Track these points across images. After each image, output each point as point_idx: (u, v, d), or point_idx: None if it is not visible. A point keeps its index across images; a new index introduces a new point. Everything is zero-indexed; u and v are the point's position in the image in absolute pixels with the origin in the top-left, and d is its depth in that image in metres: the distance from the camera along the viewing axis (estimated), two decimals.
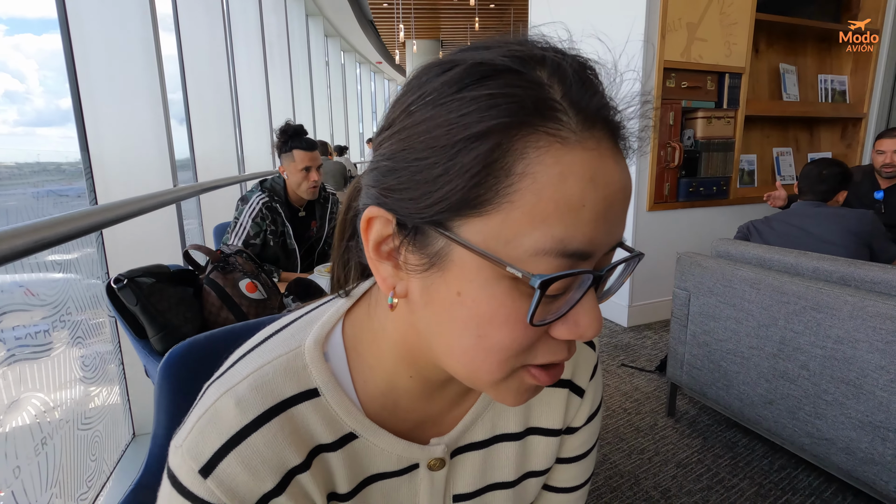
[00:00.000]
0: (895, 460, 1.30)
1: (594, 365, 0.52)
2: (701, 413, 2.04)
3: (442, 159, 0.29)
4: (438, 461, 0.44)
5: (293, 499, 0.37)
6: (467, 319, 0.31)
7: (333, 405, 0.39)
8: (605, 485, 1.62)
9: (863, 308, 1.34)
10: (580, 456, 0.53)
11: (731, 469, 1.69)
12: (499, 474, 0.48)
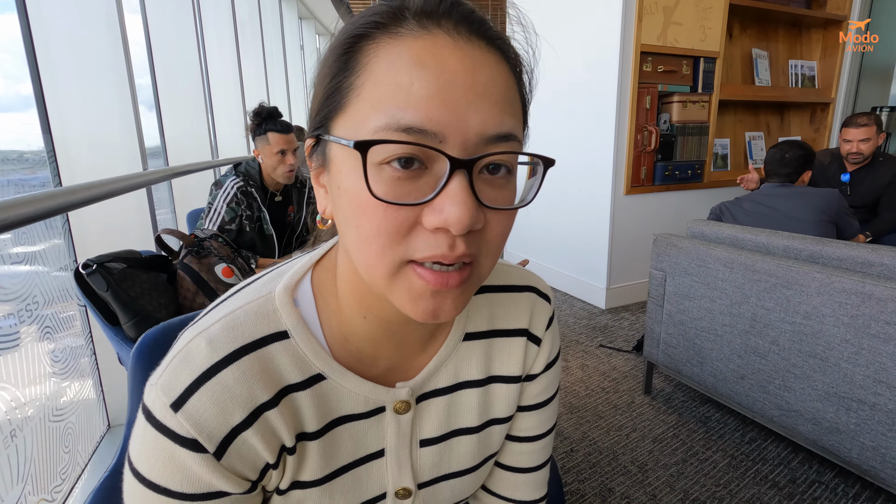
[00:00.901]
0: (858, 429, 1.36)
1: (549, 317, 0.54)
2: (676, 390, 2.10)
3: (324, 71, 0.36)
4: (404, 404, 0.46)
5: (260, 434, 0.39)
6: (348, 212, 0.34)
7: (302, 347, 0.41)
8: (584, 461, 1.65)
9: (829, 284, 1.39)
10: (540, 404, 0.55)
11: (704, 442, 1.75)
12: (463, 420, 0.50)
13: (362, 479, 0.46)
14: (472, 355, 0.50)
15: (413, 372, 0.47)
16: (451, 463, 0.50)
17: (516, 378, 0.52)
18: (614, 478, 1.58)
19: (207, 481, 0.37)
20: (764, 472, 1.59)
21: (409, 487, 0.48)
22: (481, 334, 0.51)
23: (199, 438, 0.36)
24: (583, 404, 1.99)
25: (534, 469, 0.56)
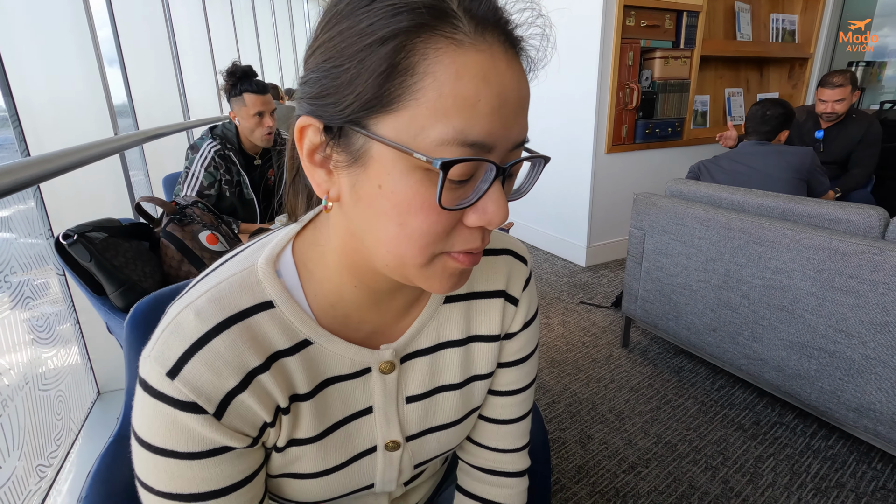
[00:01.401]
0: (818, 374, 1.46)
1: (526, 278, 0.57)
2: (652, 343, 2.20)
3: (354, 63, 0.33)
4: (388, 365, 0.48)
5: (255, 396, 0.41)
6: (389, 209, 0.35)
7: (288, 315, 0.43)
8: (565, 411, 1.75)
9: (799, 240, 1.45)
10: (519, 360, 0.58)
11: (677, 391, 1.85)
12: (446, 377, 0.53)
13: (353, 434, 0.49)
14: (452, 317, 0.52)
15: (396, 334, 0.50)
16: (437, 417, 0.54)
17: (495, 337, 0.55)
18: (593, 425, 1.67)
19: (212, 439, 0.39)
20: (731, 415, 1.71)
21: (398, 440, 0.51)
22: (461, 297, 0.53)
23: (199, 401, 0.38)
24: (564, 358, 2.08)
25: (515, 420, 0.60)
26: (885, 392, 1.32)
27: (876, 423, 1.36)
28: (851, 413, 1.41)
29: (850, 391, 1.40)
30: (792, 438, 1.59)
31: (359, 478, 0.50)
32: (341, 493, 0.50)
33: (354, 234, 0.39)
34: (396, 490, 0.57)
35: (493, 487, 0.61)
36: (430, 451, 0.55)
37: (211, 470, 0.40)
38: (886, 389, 1.32)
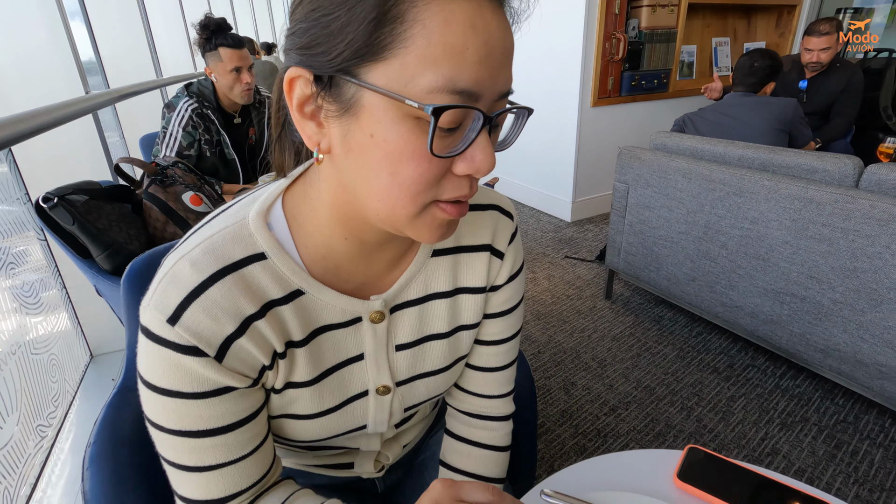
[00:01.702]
0: (789, 319, 1.54)
1: (512, 232, 0.59)
2: (634, 294, 2.27)
3: (344, 11, 0.33)
4: (378, 314, 0.51)
5: (253, 341, 0.43)
6: (381, 158, 0.36)
7: (280, 266, 0.44)
8: (550, 360, 1.82)
9: (777, 191, 1.48)
10: (505, 312, 0.61)
11: (657, 339, 1.93)
12: (434, 327, 0.56)
13: (346, 379, 0.52)
14: (440, 270, 0.54)
15: (386, 286, 0.51)
16: (425, 364, 0.57)
17: (481, 289, 0.57)
18: (577, 373, 1.75)
19: (215, 380, 0.41)
20: (707, 360, 1.80)
21: (388, 385, 0.54)
22: (448, 250, 0.55)
23: (200, 345, 0.40)
24: (549, 311, 2.14)
25: (501, 368, 0.64)
26: (849, 333, 1.40)
27: (840, 362, 1.44)
28: (818, 354, 1.49)
29: (817, 334, 1.47)
30: (762, 379, 1.69)
31: (352, 419, 0.54)
32: (336, 433, 0.54)
33: (346, 186, 0.40)
34: (388, 431, 0.61)
35: (480, 430, 0.65)
36: (419, 396, 0.58)
37: (216, 408, 0.42)
38: (851, 331, 1.39)
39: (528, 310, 2.15)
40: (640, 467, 0.61)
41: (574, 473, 0.62)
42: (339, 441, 0.58)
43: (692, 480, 0.57)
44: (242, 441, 0.45)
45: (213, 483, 0.44)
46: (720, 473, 0.59)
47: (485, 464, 0.63)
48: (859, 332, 1.38)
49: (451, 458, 0.64)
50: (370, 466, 0.63)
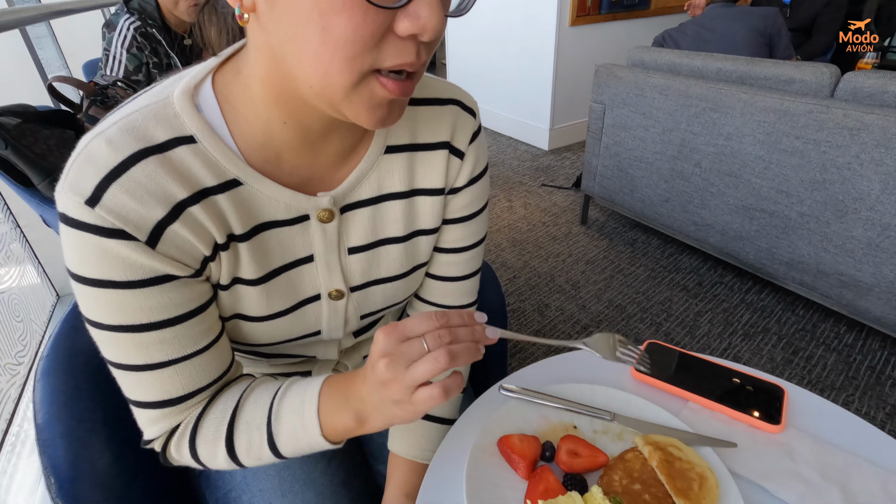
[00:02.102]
0: (757, 234, 1.56)
1: (474, 131, 0.55)
2: (609, 219, 2.28)
3: None
4: (327, 213, 0.48)
5: (189, 228, 0.40)
6: (309, 11, 0.32)
7: (212, 151, 0.41)
8: (525, 284, 1.84)
9: (753, 104, 1.45)
10: (466, 217, 0.58)
11: (630, 261, 1.96)
12: (388, 230, 0.53)
13: (295, 281, 0.50)
14: (394, 168, 0.51)
15: (335, 183, 0.48)
16: (381, 269, 0.54)
17: (439, 191, 0.54)
18: (551, 295, 1.78)
19: (150, 266, 0.38)
20: (677, 279, 1.84)
21: (341, 289, 0.52)
22: (402, 147, 0.51)
23: (126, 228, 0.37)
24: (525, 238, 2.15)
25: (462, 278, 0.62)
26: (813, 245, 1.43)
27: (803, 273, 1.49)
28: (783, 267, 1.53)
29: (783, 247, 1.51)
30: (729, 295, 1.74)
31: (305, 324, 0.52)
32: (290, 338, 0.52)
33: (275, 53, 0.36)
34: (346, 340, 0.60)
35: None
36: (376, 304, 0.57)
37: (157, 298, 0.40)
38: (815, 243, 1.42)
39: (503, 237, 2.15)
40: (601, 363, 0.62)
41: (536, 370, 0.62)
42: (294, 348, 0.57)
43: (648, 371, 0.59)
44: (194, 335, 0.43)
45: (169, 381, 0.43)
46: (676, 364, 0.61)
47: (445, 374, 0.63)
48: (823, 244, 1.41)
49: None
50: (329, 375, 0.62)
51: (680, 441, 0.48)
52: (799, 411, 0.55)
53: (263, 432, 0.42)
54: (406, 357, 0.36)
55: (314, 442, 0.42)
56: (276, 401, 0.43)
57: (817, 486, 0.46)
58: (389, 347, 0.36)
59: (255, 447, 0.43)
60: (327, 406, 0.41)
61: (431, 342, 0.36)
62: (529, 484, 0.46)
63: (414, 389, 0.36)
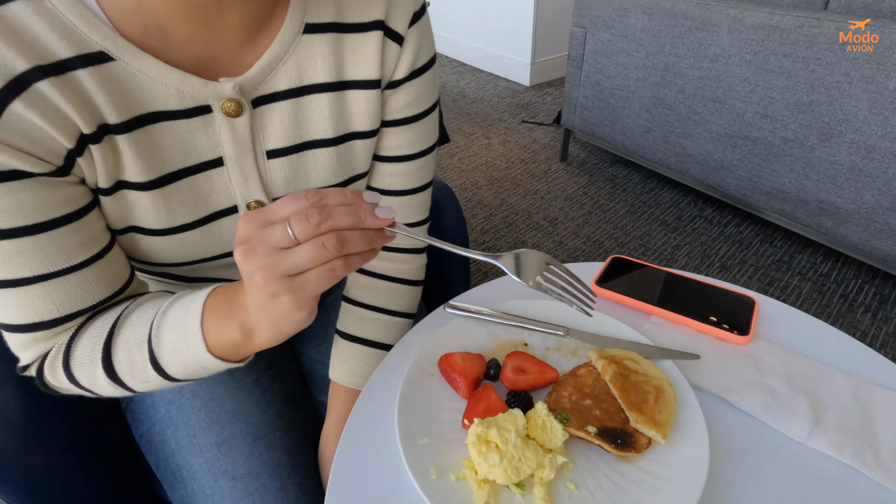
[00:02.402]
0: (739, 163, 1.50)
1: (415, 11, 0.46)
2: (590, 155, 2.20)
3: None
4: (233, 104, 0.40)
5: (37, 110, 0.32)
6: None
7: (65, 13, 0.33)
8: (501, 223, 1.78)
9: (741, 20, 1.35)
10: (409, 119, 0.50)
11: (609, 196, 1.91)
12: (315, 130, 0.45)
13: (203, 189, 0.42)
14: (316, 53, 0.43)
15: (242, 68, 0.41)
16: (309, 178, 0.47)
17: (374, 83, 0.46)
18: (527, 232, 1.73)
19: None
20: (657, 213, 1.80)
21: (263, 201, 0.45)
22: (326, 27, 0.43)
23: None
24: (502, 176, 2.07)
25: (409, 192, 0.54)
26: (795, 173, 1.38)
27: (783, 202, 1.45)
28: (763, 196, 1.49)
29: (765, 176, 1.46)
30: (708, 228, 1.71)
31: (219, 242, 0.45)
32: (202, 258, 0.46)
33: None
34: None
35: (386, 262, 0.58)
36: None
37: (5, 199, 0.32)
38: (797, 170, 1.37)
39: (481, 175, 2.07)
40: None
41: (490, 289, 0.57)
42: (215, 270, 0.50)
43: (610, 285, 0.54)
44: (67, 248, 0.36)
45: (39, 300, 0.36)
46: (639, 277, 0.56)
47: (391, 297, 0.57)
48: (805, 171, 1.36)
49: (353, 292, 0.58)
50: None
51: (638, 354, 0.44)
52: (770, 323, 0.50)
53: (145, 350, 0.36)
54: (266, 243, 0.29)
55: (202, 360, 0.36)
56: (159, 315, 0.37)
57: (784, 396, 0.42)
58: (247, 234, 0.30)
59: (138, 368, 0.37)
60: (212, 318, 0.35)
61: (296, 225, 0.28)
62: (469, 403, 0.41)
63: (287, 278, 0.29)
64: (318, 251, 0.28)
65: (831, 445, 0.38)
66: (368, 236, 0.30)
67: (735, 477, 0.37)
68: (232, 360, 0.37)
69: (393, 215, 0.31)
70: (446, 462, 0.38)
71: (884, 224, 1.26)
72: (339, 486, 0.38)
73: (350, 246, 0.29)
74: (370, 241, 0.30)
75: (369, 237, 0.30)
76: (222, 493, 0.47)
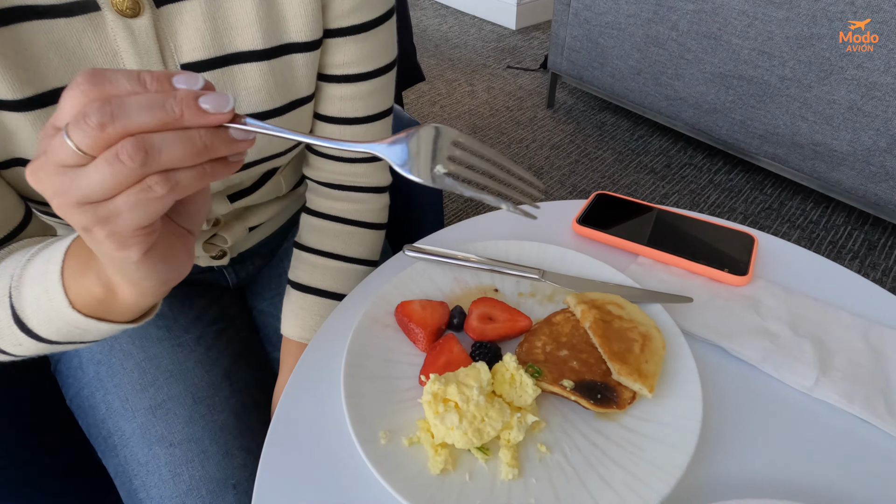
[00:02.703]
0: (732, 105, 1.43)
1: None
2: (577, 101, 2.10)
3: None
4: (129, 2, 0.32)
5: None
6: None
7: None
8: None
9: None
10: (357, 28, 0.42)
11: (597, 144, 1.83)
12: (241, 38, 0.37)
13: None
14: None
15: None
16: (240, 102, 0.39)
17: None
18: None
19: None
20: (645, 161, 1.73)
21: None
22: None
23: None
24: (486, 124, 1.97)
25: (366, 120, 0.47)
26: (791, 114, 1.31)
27: (776, 146, 1.39)
28: (756, 140, 1.42)
29: (758, 118, 1.38)
30: (697, 176, 1.65)
31: None
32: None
33: None
34: (218, 206, 0.46)
35: (343, 203, 0.51)
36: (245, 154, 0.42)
37: None
38: (793, 111, 1.30)
39: (464, 123, 1.97)
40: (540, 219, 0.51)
41: (461, 229, 0.51)
42: None
43: (593, 224, 0.47)
44: None
45: None
46: (626, 215, 0.49)
47: (347, 242, 0.50)
48: (801, 112, 1.29)
49: (305, 236, 0.51)
50: (198, 250, 0.49)
51: (622, 298, 0.38)
52: (770, 262, 0.45)
53: (7, 307, 0.30)
54: (52, 159, 0.20)
55: (69, 318, 0.28)
56: (22, 266, 0.29)
57: (786, 341, 0.37)
58: (40, 145, 0.21)
59: (4, 329, 0.30)
60: (72, 269, 0.27)
61: (74, 131, 0.19)
62: (427, 356, 0.36)
63: (90, 206, 0.20)
64: (113, 166, 0.19)
65: (839, 395, 0.33)
66: (195, 140, 0.20)
67: (731, 434, 0.33)
68: (111, 320, 0.29)
69: (230, 105, 0.20)
70: (398, 425, 0.32)
71: (879, 166, 1.21)
72: (275, 451, 0.33)
73: (162, 155, 0.19)
74: (201, 148, 0.20)
75: (198, 141, 0.20)
76: (158, 461, 0.42)
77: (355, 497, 0.30)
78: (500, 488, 0.29)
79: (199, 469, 0.42)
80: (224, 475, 0.41)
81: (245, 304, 0.60)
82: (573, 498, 0.29)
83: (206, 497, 0.40)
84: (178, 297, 0.52)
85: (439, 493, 0.29)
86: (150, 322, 0.48)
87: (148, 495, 0.41)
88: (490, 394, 0.32)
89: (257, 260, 0.58)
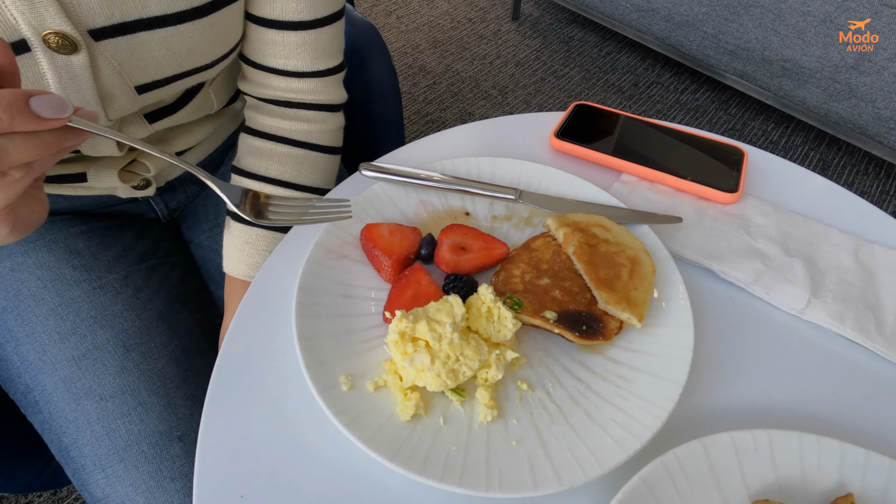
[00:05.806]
0: (705, 18, 1.36)
1: None
2: (544, 14, 1.96)
3: None
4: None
5: None
6: None
7: None
8: (446, 91, 1.59)
9: None
10: None
11: (564, 61, 1.73)
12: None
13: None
14: None
15: None
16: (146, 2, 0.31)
17: None
18: (475, 102, 1.56)
19: None
20: (613, 80, 1.66)
21: (70, 35, 0.29)
22: None
23: None
24: (447, 38, 1.82)
25: (309, 25, 0.39)
26: (763, 27, 1.26)
27: (745, 63, 1.35)
28: (726, 56, 1.38)
29: (731, 32, 1.33)
30: (664, 95, 1.60)
31: None
32: None
33: None
34: (135, 128, 0.38)
35: (289, 122, 0.43)
36: (157, 64, 0.33)
37: None
38: (766, 24, 1.25)
39: (423, 37, 1.81)
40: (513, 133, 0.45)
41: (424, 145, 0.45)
42: None
43: (572, 138, 0.42)
44: None
45: None
46: (607, 128, 0.45)
47: (297, 167, 0.43)
48: (774, 25, 1.24)
49: (246, 160, 0.44)
50: (114, 180, 0.41)
51: (608, 220, 0.35)
52: (760, 178, 0.42)
53: None
54: None
55: None
56: None
57: (777, 261, 0.35)
58: None
59: None
60: None
61: None
62: (392, 290, 0.31)
63: None
64: None
65: (831, 316, 0.32)
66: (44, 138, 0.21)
67: (721, 360, 0.31)
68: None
69: (68, 112, 0.21)
70: (361, 368, 0.28)
71: (844, 84, 1.20)
72: (220, 400, 0.28)
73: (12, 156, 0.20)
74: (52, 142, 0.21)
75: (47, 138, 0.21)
76: (88, 416, 0.37)
77: (316, 450, 0.27)
78: (478, 432, 0.26)
79: (138, 422, 0.37)
80: (167, 427, 0.37)
81: (181, 238, 0.52)
82: (558, 438, 0.26)
83: (147, 452, 0.36)
84: (96, 231, 0.45)
85: (411, 441, 0.25)
86: (63, 261, 0.41)
87: (81, 453, 0.37)
88: (465, 330, 0.28)
89: (191, 188, 0.50)
